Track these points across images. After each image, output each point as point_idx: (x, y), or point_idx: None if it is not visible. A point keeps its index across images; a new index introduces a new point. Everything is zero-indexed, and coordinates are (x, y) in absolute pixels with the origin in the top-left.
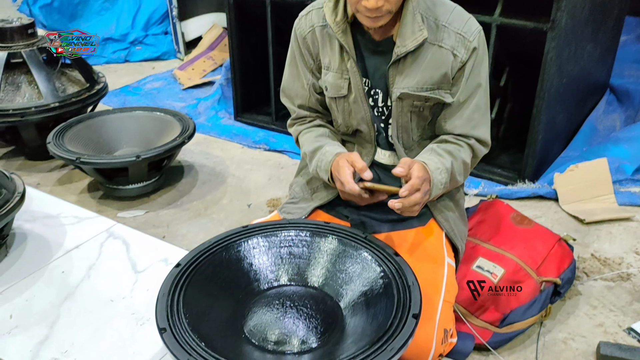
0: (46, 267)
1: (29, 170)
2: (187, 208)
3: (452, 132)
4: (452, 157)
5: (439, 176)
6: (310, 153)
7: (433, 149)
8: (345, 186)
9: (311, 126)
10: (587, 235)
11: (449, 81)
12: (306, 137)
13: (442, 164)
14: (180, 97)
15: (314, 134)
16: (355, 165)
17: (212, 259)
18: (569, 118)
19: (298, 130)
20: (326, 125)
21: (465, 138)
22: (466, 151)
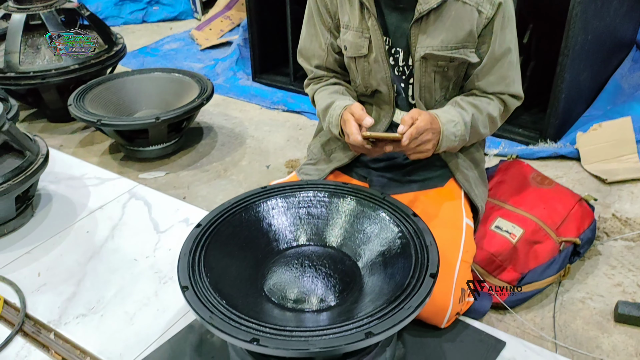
0: (71, 227)
1: (52, 132)
2: (207, 169)
3: (486, 91)
4: (475, 109)
5: (452, 128)
6: (323, 111)
7: (457, 102)
8: (349, 137)
9: (327, 84)
10: (608, 195)
11: (474, 39)
12: (320, 95)
13: (459, 117)
14: (198, 57)
15: (327, 91)
16: (354, 115)
17: (232, 219)
18: (593, 76)
19: (314, 89)
20: (342, 83)
21: (499, 94)
22: (495, 105)
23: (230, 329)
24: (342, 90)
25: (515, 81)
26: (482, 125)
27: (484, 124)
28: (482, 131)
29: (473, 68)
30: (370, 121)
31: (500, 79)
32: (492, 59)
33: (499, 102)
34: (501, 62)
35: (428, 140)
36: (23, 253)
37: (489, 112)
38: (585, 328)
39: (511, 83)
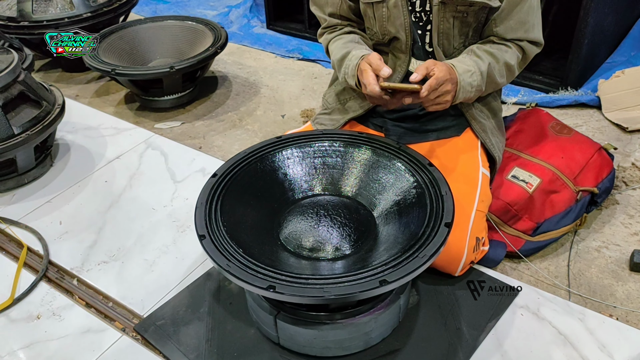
0: (90, 176)
1: (67, 81)
2: (222, 119)
3: (505, 37)
4: (492, 57)
5: (468, 79)
6: (338, 61)
7: (472, 50)
8: (367, 88)
9: (341, 33)
10: (628, 144)
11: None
12: (335, 44)
13: (475, 66)
14: (211, 5)
15: (342, 41)
16: (371, 65)
17: (248, 169)
18: (617, 20)
19: (328, 39)
20: (357, 32)
21: (517, 41)
22: (512, 53)
23: (247, 276)
24: (358, 39)
25: (535, 26)
26: (498, 74)
27: (500, 73)
28: (499, 80)
29: (493, 14)
30: (388, 71)
31: (519, 24)
32: (511, 2)
33: (517, 50)
34: (520, 5)
35: (447, 91)
36: (44, 202)
37: (506, 61)
38: (600, 277)
39: (530, 28)
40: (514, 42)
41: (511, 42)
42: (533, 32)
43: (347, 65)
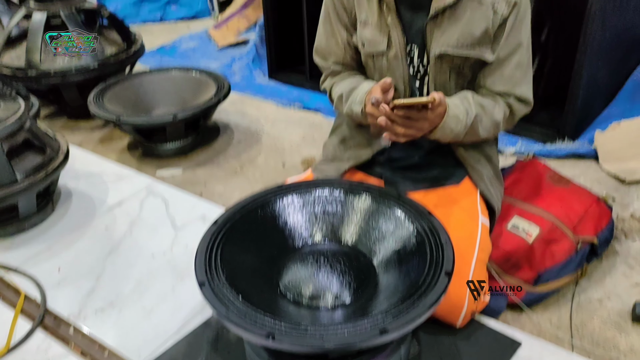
0: (90, 222)
1: (72, 129)
2: (223, 166)
3: (492, 89)
4: (482, 110)
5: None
6: (346, 93)
7: (466, 97)
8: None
9: (346, 75)
10: (627, 195)
11: (490, 38)
12: (342, 83)
13: (464, 116)
14: (215, 56)
15: (350, 79)
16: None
17: (248, 216)
18: (612, 74)
19: (332, 82)
20: (360, 74)
21: (505, 96)
22: (500, 108)
23: (246, 323)
24: (364, 78)
25: (522, 83)
26: (482, 128)
27: (485, 128)
28: (481, 133)
29: None
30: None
31: (507, 79)
32: (499, 57)
33: (504, 106)
34: (508, 60)
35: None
36: (43, 248)
37: (494, 116)
38: (603, 328)
39: (517, 84)
40: (502, 95)
41: (499, 96)
42: (520, 88)
43: (356, 94)
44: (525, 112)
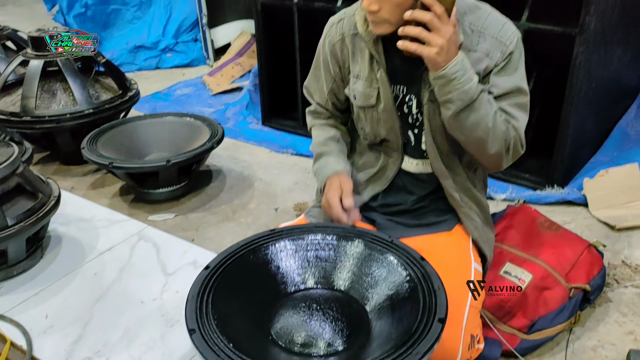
0: (80, 269)
1: (64, 174)
2: (216, 212)
3: None
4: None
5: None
6: (316, 155)
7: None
8: (332, 209)
9: (324, 124)
10: (617, 241)
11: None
12: (317, 133)
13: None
14: (209, 102)
15: (324, 134)
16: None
17: (240, 261)
18: (598, 123)
19: (312, 122)
20: (339, 127)
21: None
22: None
23: None
24: (339, 136)
25: (520, 122)
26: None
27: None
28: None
29: None
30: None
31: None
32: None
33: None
34: (506, 99)
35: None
36: (31, 295)
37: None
38: None
39: (516, 120)
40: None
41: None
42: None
43: (320, 168)
44: (518, 152)
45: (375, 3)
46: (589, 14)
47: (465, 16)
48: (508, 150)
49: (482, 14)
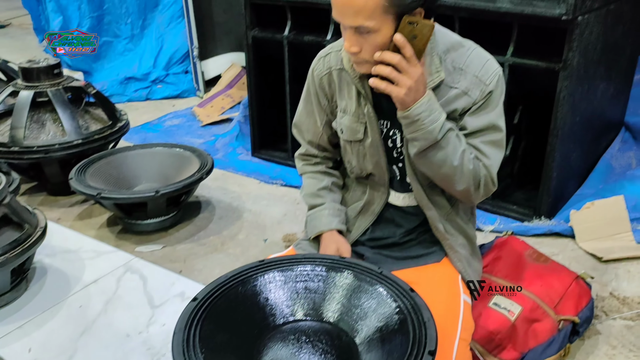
0: (64, 301)
1: (51, 205)
2: (204, 243)
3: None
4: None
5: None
6: (310, 205)
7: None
8: None
9: (316, 172)
10: (605, 273)
11: (456, 118)
12: (309, 182)
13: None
14: (199, 133)
15: (316, 183)
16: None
17: (229, 293)
18: (583, 155)
19: (303, 169)
20: (331, 173)
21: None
22: (474, 159)
23: None
24: (331, 185)
25: (492, 160)
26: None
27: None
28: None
29: None
30: None
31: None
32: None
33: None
34: (479, 136)
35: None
36: (14, 328)
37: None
38: None
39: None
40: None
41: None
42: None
43: (315, 218)
44: (490, 189)
45: (355, 45)
46: (571, 50)
47: (449, 54)
48: (478, 188)
49: (465, 52)
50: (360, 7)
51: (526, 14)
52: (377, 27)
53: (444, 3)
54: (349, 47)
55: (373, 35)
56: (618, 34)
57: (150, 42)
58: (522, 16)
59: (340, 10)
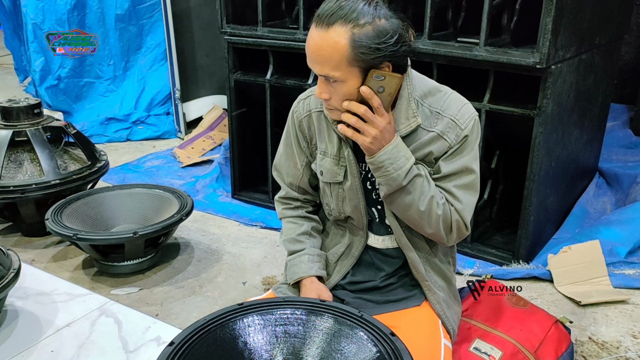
0: (36, 346)
1: (25, 246)
2: (182, 285)
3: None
4: (427, 182)
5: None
6: (290, 250)
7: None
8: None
9: (295, 216)
10: (583, 317)
11: (432, 160)
12: (288, 226)
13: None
14: (179, 175)
15: (296, 230)
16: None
17: (207, 337)
18: (559, 200)
19: (283, 213)
20: (311, 218)
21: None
22: (443, 205)
23: None
24: (310, 230)
25: (465, 205)
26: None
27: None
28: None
29: None
30: None
31: (449, 193)
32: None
33: (448, 206)
34: (453, 179)
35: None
36: None
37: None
38: None
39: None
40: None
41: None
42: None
43: (295, 265)
44: (463, 232)
45: (325, 92)
46: (546, 97)
47: (426, 98)
48: (450, 232)
49: (442, 96)
50: (326, 58)
51: (502, 62)
52: (344, 78)
53: (422, 51)
54: (319, 94)
55: (340, 85)
56: (590, 83)
57: (133, 83)
58: (497, 64)
59: (310, 58)
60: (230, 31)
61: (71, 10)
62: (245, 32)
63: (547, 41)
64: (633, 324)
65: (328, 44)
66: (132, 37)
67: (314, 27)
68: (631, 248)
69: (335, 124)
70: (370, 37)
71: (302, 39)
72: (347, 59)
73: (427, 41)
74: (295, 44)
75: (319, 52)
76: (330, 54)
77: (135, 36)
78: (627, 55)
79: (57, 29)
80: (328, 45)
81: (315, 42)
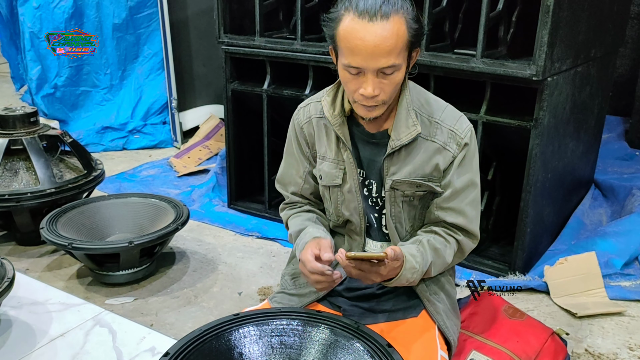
0: (29, 356)
1: (19, 255)
2: (177, 295)
3: (444, 220)
4: (435, 254)
5: (409, 274)
6: (295, 234)
7: (420, 241)
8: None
9: (301, 211)
10: (580, 329)
11: (440, 173)
12: (294, 220)
13: (421, 264)
14: (175, 184)
15: (301, 218)
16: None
17: (202, 348)
18: (556, 212)
19: (288, 214)
20: (315, 211)
21: (455, 229)
22: (451, 249)
23: None
24: (315, 218)
25: (473, 220)
26: (435, 270)
27: (437, 269)
28: (432, 274)
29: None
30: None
31: (459, 212)
32: (452, 191)
33: (455, 244)
34: (461, 196)
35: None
36: None
37: (445, 258)
38: None
39: (469, 219)
40: (452, 234)
41: (449, 233)
42: (471, 224)
43: (301, 238)
44: (472, 247)
45: (377, 87)
46: (542, 109)
47: (423, 108)
48: (463, 254)
49: (439, 107)
50: (392, 48)
51: (498, 74)
52: (402, 63)
53: (419, 62)
54: (371, 92)
55: (396, 74)
56: (586, 95)
57: (129, 92)
58: (494, 76)
59: (370, 54)
60: (227, 41)
61: (69, 19)
62: (243, 42)
63: (544, 53)
64: (629, 335)
65: (392, 34)
66: (129, 46)
67: (366, 22)
68: (627, 260)
69: (338, 127)
70: (415, 20)
71: (300, 49)
72: (406, 44)
73: (424, 53)
74: (292, 55)
75: (384, 43)
76: (395, 43)
77: (133, 45)
78: (622, 68)
79: None
80: (392, 34)
81: (378, 35)
